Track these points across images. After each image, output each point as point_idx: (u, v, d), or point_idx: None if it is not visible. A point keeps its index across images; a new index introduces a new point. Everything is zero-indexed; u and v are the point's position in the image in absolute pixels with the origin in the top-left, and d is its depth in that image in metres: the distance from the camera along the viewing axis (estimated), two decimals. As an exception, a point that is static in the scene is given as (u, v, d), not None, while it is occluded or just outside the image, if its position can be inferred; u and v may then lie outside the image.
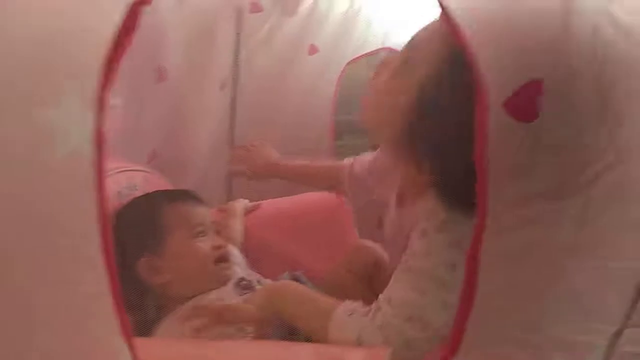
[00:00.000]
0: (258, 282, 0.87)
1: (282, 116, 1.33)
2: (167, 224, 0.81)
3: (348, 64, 1.33)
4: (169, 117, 1.18)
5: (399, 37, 1.30)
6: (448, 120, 0.60)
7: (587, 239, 0.53)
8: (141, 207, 0.85)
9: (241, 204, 1.13)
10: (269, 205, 1.14)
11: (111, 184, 0.88)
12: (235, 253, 0.96)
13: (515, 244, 0.53)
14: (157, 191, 0.91)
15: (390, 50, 1.32)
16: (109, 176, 0.87)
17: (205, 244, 0.82)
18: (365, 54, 1.33)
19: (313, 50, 1.33)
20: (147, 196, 0.89)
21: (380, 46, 1.32)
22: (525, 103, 0.51)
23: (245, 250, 1.02)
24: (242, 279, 0.86)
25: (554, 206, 0.52)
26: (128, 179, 0.93)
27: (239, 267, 0.91)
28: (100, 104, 0.52)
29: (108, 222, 0.55)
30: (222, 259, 0.84)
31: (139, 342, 0.57)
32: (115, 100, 1.05)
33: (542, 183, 0.52)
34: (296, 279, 0.89)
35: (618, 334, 0.53)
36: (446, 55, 0.61)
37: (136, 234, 0.80)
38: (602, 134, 0.51)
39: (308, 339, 0.71)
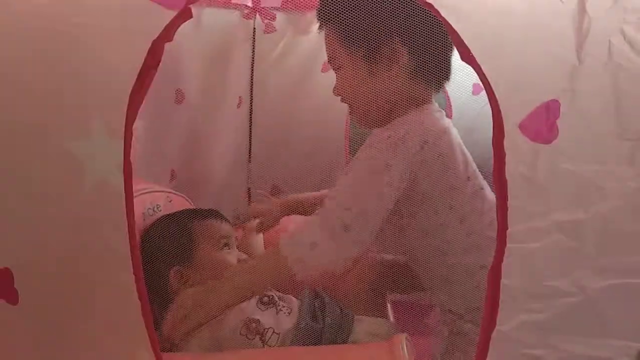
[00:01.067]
0: (279, 298, 0.89)
1: (297, 132, 1.35)
2: (195, 236, 0.86)
3: (362, 78, 1.35)
4: (188, 137, 1.20)
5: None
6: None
7: (609, 256, 0.54)
8: (172, 222, 0.89)
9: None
10: (287, 220, 1.15)
11: (136, 205, 0.90)
12: None
13: (533, 256, 0.54)
14: (185, 209, 0.95)
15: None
16: (136, 197, 0.90)
17: (231, 256, 0.87)
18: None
19: (326, 67, 1.35)
20: (176, 213, 0.93)
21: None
22: (540, 125, 0.53)
23: None
24: (264, 295, 0.86)
25: (573, 222, 0.53)
26: (152, 200, 0.95)
27: None
28: (127, 135, 0.55)
29: (138, 250, 0.57)
30: None
31: (166, 357, 0.59)
32: (136, 123, 1.08)
33: (561, 201, 0.53)
34: (318, 296, 0.90)
35: (643, 351, 0.53)
36: None
37: (167, 246, 0.84)
38: (619, 151, 0.52)
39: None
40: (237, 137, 1.34)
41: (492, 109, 0.51)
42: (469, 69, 1.35)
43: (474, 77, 1.34)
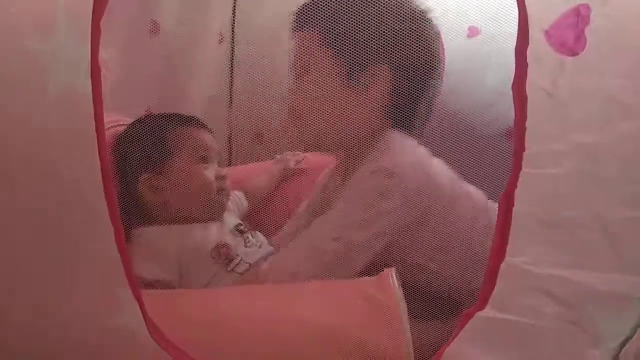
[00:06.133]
0: (253, 234, 0.85)
1: (281, 74, 1.27)
2: (172, 143, 0.79)
3: (351, 19, 1.27)
4: (164, 73, 1.12)
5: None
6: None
7: (631, 183, 0.49)
8: (148, 125, 0.83)
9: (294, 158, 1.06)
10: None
11: (108, 138, 0.83)
12: (237, 198, 0.94)
13: (550, 182, 0.49)
14: (165, 113, 0.88)
15: None
16: (107, 129, 0.83)
17: (209, 172, 0.81)
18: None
19: (315, 4, 1.27)
20: (154, 116, 0.88)
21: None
22: (568, 33, 0.47)
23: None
24: (240, 224, 0.85)
25: (595, 145, 0.48)
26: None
27: (234, 214, 0.90)
28: (94, 35, 0.48)
29: (109, 165, 0.51)
30: (223, 189, 0.83)
31: (145, 294, 0.53)
32: (108, 52, 0.99)
33: (584, 121, 0.49)
34: None
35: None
36: None
37: (141, 151, 0.78)
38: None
39: None
40: (219, 75, 1.25)
41: (519, 11, 0.45)
42: (465, 11, 1.27)
43: (469, 20, 1.27)
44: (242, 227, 0.84)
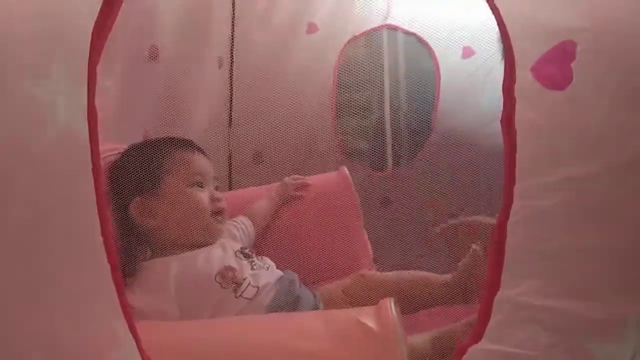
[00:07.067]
0: (259, 259, 0.85)
1: (281, 96, 1.28)
2: (165, 166, 0.79)
3: (349, 41, 1.29)
4: (163, 97, 1.13)
5: (402, 12, 1.25)
6: None
7: (620, 213, 0.50)
8: (141, 150, 0.83)
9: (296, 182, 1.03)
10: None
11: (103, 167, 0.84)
12: (243, 225, 0.94)
13: (542, 214, 0.49)
14: (160, 138, 0.89)
15: (391, 27, 1.28)
16: (103, 159, 0.83)
17: (203, 195, 0.81)
18: (367, 31, 1.29)
19: (312, 28, 1.28)
20: (149, 140, 0.89)
21: (382, 22, 1.27)
22: (554, 69, 0.48)
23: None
24: (244, 247, 0.85)
25: (587, 176, 0.49)
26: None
27: (241, 242, 0.89)
28: (90, 79, 0.49)
29: (105, 205, 0.51)
30: (219, 212, 0.82)
31: (140, 325, 0.54)
32: (108, 81, 1.01)
33: (574, 153, 0.49)
34: (291, 281, 0.83)
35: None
36: None
37: (134, 174, 0.78)
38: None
39: None
40: (218, 98, 1.27)
41: (505, 51, 0.46)
42: (458, 33, 1.29)
43: (464, 41, 1.29)
44: (246, 251, 0.83)
